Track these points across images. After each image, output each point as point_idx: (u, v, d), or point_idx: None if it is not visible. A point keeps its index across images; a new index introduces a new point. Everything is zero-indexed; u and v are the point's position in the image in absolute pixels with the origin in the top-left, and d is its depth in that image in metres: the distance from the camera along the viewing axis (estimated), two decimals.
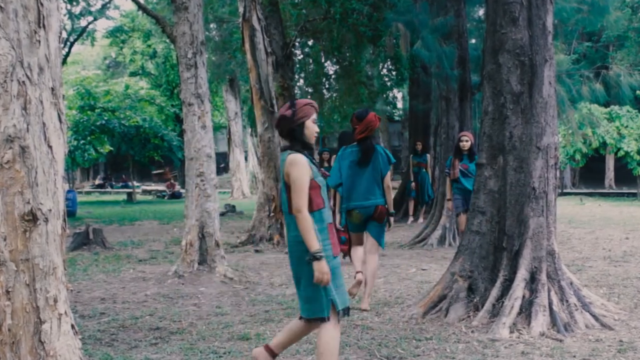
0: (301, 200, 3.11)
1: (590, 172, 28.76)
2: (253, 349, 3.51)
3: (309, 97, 16.42)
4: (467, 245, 4.99)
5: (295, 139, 3.26)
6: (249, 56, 10.50)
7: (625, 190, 24.54)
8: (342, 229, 5.58)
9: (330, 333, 3.14)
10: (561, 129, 20.93)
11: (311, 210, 3.14)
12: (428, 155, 13.22)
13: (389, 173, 5.26)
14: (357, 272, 5.21)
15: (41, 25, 2.69)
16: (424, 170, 13.10)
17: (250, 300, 5.73)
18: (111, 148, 22.99)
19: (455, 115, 10.34)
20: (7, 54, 2.58)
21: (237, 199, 25.05)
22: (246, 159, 28.58)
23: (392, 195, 5.32)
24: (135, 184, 28.85)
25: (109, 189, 34.63)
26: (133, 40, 33.36)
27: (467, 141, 7.44)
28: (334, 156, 6.06)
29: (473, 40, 13.02)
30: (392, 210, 5.29)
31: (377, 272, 5.48)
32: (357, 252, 5.33)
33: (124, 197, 26.29)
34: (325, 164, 12.00)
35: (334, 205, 5.56)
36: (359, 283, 5.19)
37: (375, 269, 5.30)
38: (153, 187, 33.29)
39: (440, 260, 7.94)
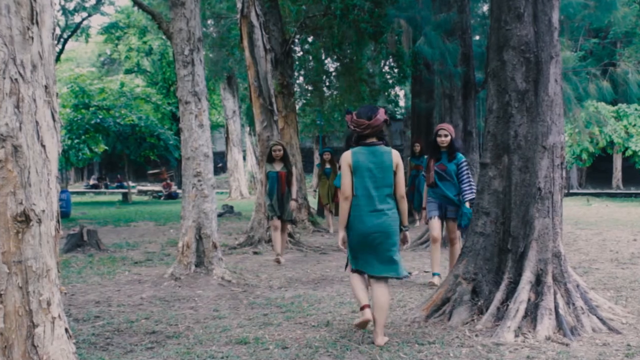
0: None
1: (597, 172, 28.76)
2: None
3: (308, 95, 16.43)
4: (471, 247, 4.99)
5: (382, 138, 4.37)
6: (247, 53, 10.51)
7: (633, 190, 24.55)
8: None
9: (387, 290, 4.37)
10: (567, 128, 20.94)
11: None
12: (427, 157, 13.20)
13: None
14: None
15: (34, 21, 2.69)
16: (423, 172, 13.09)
17: (249, 304, 5.73)
18: (106, 147, 22.99)
19: (459, 113, 10.34)
20: None
21: (235, 199, 25.07)
22: (244, 158, 28.61)
23: None
24: (131, 184, 28.86)
25: (103, 189, 34.63)
26: (128, 37, 33.39)
27: (446, 136, 6.34)
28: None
29: (477, 37, 13.03)
30: None
31: None
32: None
33: (119, 197, 26.30)
34: (327, 165, 11.95)
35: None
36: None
37: None
38: (149, 187, 33.33)
39: (444, 262, 7.94)
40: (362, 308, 4.28)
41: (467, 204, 6.23)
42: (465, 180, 6.31)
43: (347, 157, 4.32)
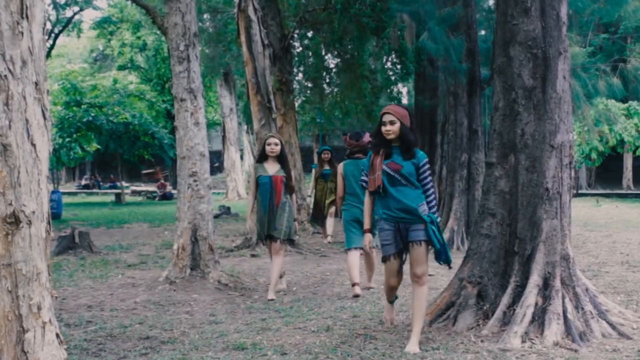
0: None
1: (606, 172, 28.76)
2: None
3: (308, 92, 16.43)
4: (476, 249, 4.99)
5: (366, 154, 5.44)
6: (244, 49, 10.50)
7: None
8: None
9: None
10: (576, 126, 20.94)
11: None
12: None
13: None
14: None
15: (24, 15, 2.69)
16: None
17: (246, 308, 5.73)
18: (98, 146, 23.01)
19: (464, 111, 10.35)
20: None
21: (232, 200, 25.08)
22: (242, 157, 28.62)
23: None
24: (124, 184, 28.88)
25: (96, 190, 34.65)
26: (122, 32, 33.40)
27: (392, 123, 4.26)
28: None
29: (482, 32, 13.03)
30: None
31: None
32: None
33: (112, 198, 26.32)
34: (326, 166, 11.59)
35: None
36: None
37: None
38: (143, 187, 33.35)
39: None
40: (353, 284, 6.22)
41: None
42: (430, 192, 4.36)
43: (340, 168, 6.48)
